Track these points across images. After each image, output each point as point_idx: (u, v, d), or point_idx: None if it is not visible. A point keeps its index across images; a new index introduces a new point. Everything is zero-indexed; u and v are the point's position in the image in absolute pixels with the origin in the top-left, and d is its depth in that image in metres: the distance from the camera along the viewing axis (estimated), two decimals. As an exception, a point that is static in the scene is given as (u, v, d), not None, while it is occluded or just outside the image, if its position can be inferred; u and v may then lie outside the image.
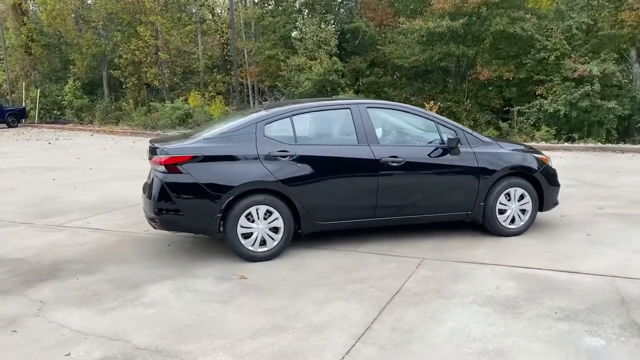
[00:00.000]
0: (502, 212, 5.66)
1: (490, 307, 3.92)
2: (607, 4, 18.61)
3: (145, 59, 25.98)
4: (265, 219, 5.08)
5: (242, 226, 5.03)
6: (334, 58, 21.01)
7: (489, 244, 5.49)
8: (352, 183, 5.28)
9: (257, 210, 5.05)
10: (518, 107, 18.43)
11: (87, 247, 5.81)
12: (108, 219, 7.09)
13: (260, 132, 5.17)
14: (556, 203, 5.98)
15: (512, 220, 5.72)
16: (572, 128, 17.70)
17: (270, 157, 5.08)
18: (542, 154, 6.05)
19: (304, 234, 5.31)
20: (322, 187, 5.18)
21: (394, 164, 5.31)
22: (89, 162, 12.98)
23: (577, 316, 3.73)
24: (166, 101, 24.82)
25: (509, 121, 18.58)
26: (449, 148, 5.47)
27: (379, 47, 21.75)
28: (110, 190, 9.10)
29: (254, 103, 25.39)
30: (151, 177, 5.32)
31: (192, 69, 27.90)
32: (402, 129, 5.76)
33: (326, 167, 5.22)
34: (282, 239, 5.16)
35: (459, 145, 5.49)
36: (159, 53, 25.91)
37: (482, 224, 5.70)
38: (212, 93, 25.37)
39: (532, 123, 18.19)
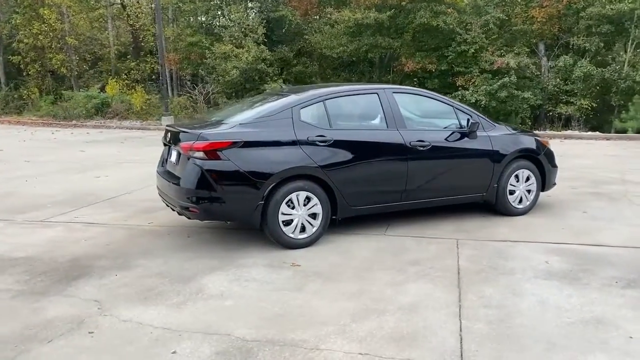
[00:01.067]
0: (511, 192, 6.01)
1: (555, 280, 4.19)
2: (519, 1, 19.99)
3: (50, 44, 24.08)
4: (304, 205, 5.02)
5: (283, 213, 4.94)
6: (262, 46, 20.76)
7: (505, 223, 5.81)
8: (384, 167, 5.35)
9: (297, 196, 4.98)
10: (442, 98, 19.31)
11: (97, 241, 5.41)
12: (95, 212, 6.62)
13: (297, 116, 5.09)
14: (554, 183, 6.44)
15: (520, 201, 6.08)
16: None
17: (308, 142, 5.02)
18: (540, 136, 6.48)
19: (338, 219, 5.30)
20: (357, 172, 5.21)
21: (421, 148, 5.46)
22: (17, 154, 11.91)
23: (637, 284, 4.08)
24: (74, 89, 23.21)
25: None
26: (469, 132, 5.71)
27: (305, 36, 21.79)
28: (71, 183, 8.46)
29: (172, 92, 24.47)
30: (178, 164, 5.07)
31: (100, 55, 26.27)
32: (425, 113, 5.90)
33: (361, 151, 5.24)
34: (321, 225, 5.13)
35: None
36: (66, 38, 24.13)
37: (494, 205, 6.00)
38: (126, 81, 24.10)
39: (455, 112, 19.16)
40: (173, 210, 5.35)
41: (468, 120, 5.78)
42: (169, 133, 5.47)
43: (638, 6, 16.93)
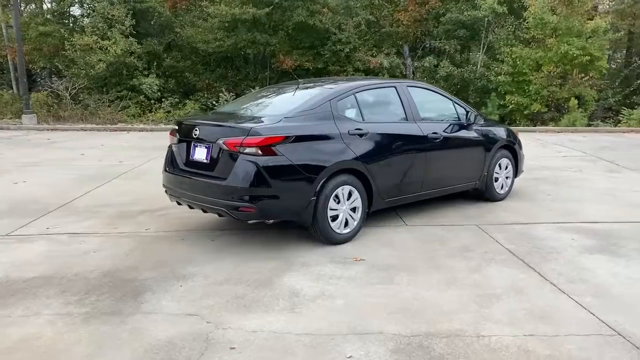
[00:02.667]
0: (496, 179, 6.53)
1: (600, 255, 4.72)
2: (386, 4, 21.29)
3: None
4: (347, 199, 4.98)
5: (331, 208, 4.84)
6: (130, 39, 19.40)
7: (497, 208, 6.33)
8: (410, 159, 5.51)
9: (342, 190, 4.92)
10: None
11: (110, 253, 4.81)
12: (63, 222, 5.81)
13: (335, 109, 5.03)
14: (522, 170, 7.12)
15: (501, 187, 6.64)
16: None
17: (349, 136, 4.98)
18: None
19: (369, 212, 5.32)
20: (390, 164, 5.29)
21: (436, 140, 5.71)
22: None
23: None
24: None
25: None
26: (467, 124, 6.09)
27: (176, 29, 20.84)
28: (-8, 191, 7.24)
29: (17, 86, 21.72)
30: (212, 161, 4.69)
31: None
32: (432, 107, 6.13)
33: (392, 144, 5.34)
34: (360, 218, 5.13)
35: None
36: None
37: (483, 192, 6.48)
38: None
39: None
40: (205, 211, 4.93)
41: (467, 112, 6.16)
42: (189, 128, 5.02)
43: (489, 14, 19.04)
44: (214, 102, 18.01)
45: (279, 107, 5.14)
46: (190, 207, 5.13)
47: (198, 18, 20.82)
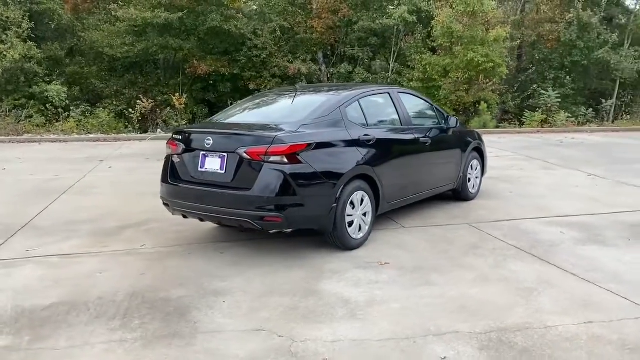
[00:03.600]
0: (468, 180, 6.89)
1: (594, 245, 5.16)
2: (299, 11, 21.50)
3: None
4: (360, 204, 5.03)
5: (348, 214, 4.87)
6: (29, 43, 17.96)
7: (475, 207, 6.67)
8: (407, 162, 5.68)
9: (356, 196, 4.97)
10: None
11: (118, 273, 4.51)
12: (39, 243, 5.34)
13: (345, 116, 5.07)
14: (486, 171, 7.54)
15: (473, 187, 7.01)
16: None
17: (359, 142, 5.05)
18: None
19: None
20: (392, 168, 5.42)
21: (426, 144, 5.93)
22: None
23: (642, 236, 5.32)
24: None
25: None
26: (448, 128, 6.38)
27: (80, 33, 19.60)
28: None
29: None
30: (229, 171, 4.55)
31: None
32: (418, 112, 6.32)
33: (394, 149, 5.48)
34: (371, 223, 5.20)
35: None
36: None
37: (459, 192, 6.79)
38: None
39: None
40: (220, 224, 4.76)
41: (447, 117, 6.45)
42: (198, 138, 4.82)
43: (400, 22, 19.90)
44: (130, 110, 17.15)
45: (290, 115, 5.07)
46: (201, 220, 4.92)
47: (104, 22, 19.73)
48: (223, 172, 4.65)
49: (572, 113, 18.82)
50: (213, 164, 4.73)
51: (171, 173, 5.04)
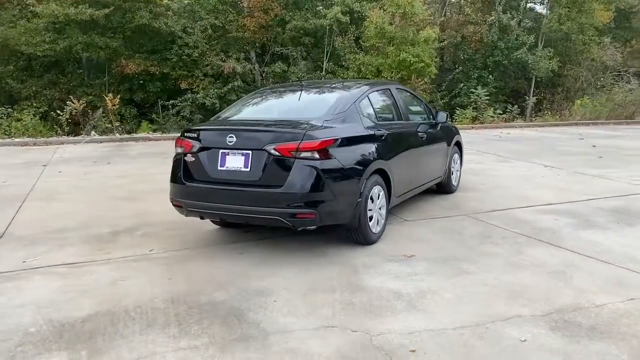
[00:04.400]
0: (452, 173, 7.11)
1: (590, 229, 5.50)
2: (230, 9, 21.14)
3: None
4: (377, 199, 5.07)
5: (368, 209, 4.89)
6: (-64, 40, 16.40)
7: (459, 199, 6.90)
8: (410, 156, 5.77)
9: (375, 190, 5.00)
10: (172, 101, 19.15)
11: (142, 280, 4.27)
12: (36, 253, 4.94)
13: (360, 111, 5.09)
14: (462, 164, 7.81)
15: (455, 180, 7.25)
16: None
17: (375, 137, 5.08)
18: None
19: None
20: (400, 162, 5.49)
21: (423, 138, 6.06)
22: None
23: (628, 218, 5.73)
24: None
25: (158, 114, 19.16)
26: (436, 123, 6.55)
27: (-8, 30, 18.09)
28: None
29: None
30: (256, 169, 4.44)
31: None
32: (412, 107, 6.41)
33: (400, 143, 5.56)
34: (385, 217, 5.24)
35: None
36: None
37: (445, 185, 7.00)
38: None
39: (185, 116, 19.22)
40: (247, 224, 4.61)
41: (436, 112, 6.62)
42: (218, 135, 4.64)
43: (333, 22, 20.12)
44: (58, 112, 16.07)
45: (309, 110, 5.00)
46: (220, 221, 4.73)
47: (19, 17, 18.36)
48: (248, 170, 4.51)
49: (494, 110, 19.86)
50: (235, 162, 4.57)
51: (184, 173, 4.81)
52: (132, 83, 19.92)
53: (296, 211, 4.37)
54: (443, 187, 7.04)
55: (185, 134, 4.89)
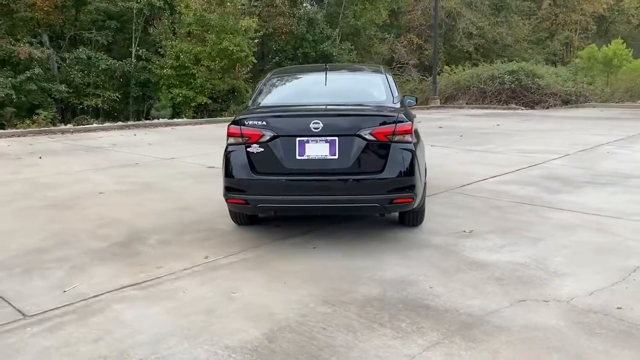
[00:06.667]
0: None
1: (573, 193, 6.29)
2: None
3: None
4: (420, 180, 5.13)
5: (421, 194, 4.94)
6: None
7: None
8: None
9: (420, 172, 5.05)
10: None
11: (255, 290, 3.66)
12: (73, 275, 3.83)
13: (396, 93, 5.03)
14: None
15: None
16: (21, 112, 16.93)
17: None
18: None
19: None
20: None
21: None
22: None
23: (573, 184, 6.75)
24: None
25: None
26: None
27: None
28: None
29: None
30: (343, 156, 4.15)
31: None
32: None
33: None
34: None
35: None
36: None
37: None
38: None
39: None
40: (342, 213, 4.31)
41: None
42: (299, 121, 4.18)
43: (144, 6, 18.72)
44: None
45: (366, 94, 4.85)
46: (299, 214, 4.29)
47: None
48: (335, 157, 4.14)
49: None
50: (318, 149, 4.15)
51: (251, 166, 4.18)
52: None
53: (395, 196, 4.18)
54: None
55: (248, 122, 4.23)
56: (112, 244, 4.58)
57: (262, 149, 4.17)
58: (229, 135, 4.30)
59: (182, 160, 8.87)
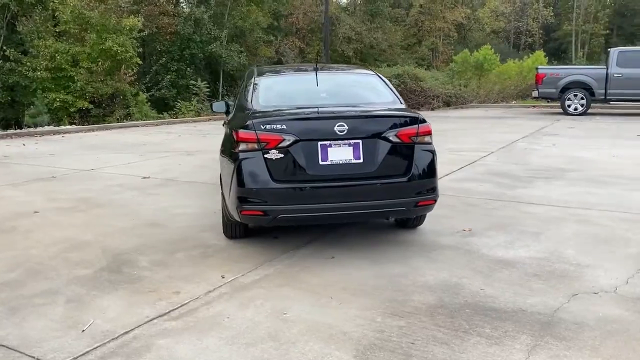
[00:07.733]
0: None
1: (538, 187, 6.60)
2: None
3: None
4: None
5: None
6: None
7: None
8: None
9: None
10: None
11: (303, 306, 3.35)
12: (66, 311, 3.21)
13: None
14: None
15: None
16: None
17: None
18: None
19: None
20: None
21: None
22: None
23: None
24: None
25: None
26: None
27: None
28: None
29: None
30: (370, 158, 3.96)
31: None
32: None
33: None
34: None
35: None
36: None
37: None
38: None
39: None
40: (368, 219, 4.11)
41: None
42: (321, 125, 3.90)
43: (11, 1, 16.80)
44: None
45: (373, 95, 4.63)
46: (323, 223, 4.02)
47: None
48: (360, 161, 3.91)
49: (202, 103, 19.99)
50: (342, 153, 3.89)
51: (270, 174, 3.81)
52: None
53: (420, 198, 4.06)
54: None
55: (266, 126, 3.84)
56: (98, 269, 3.93)
57: (282, 155, 3.82)
58: (241, 140, 3.88)
59: (105, 171, 7.99)
